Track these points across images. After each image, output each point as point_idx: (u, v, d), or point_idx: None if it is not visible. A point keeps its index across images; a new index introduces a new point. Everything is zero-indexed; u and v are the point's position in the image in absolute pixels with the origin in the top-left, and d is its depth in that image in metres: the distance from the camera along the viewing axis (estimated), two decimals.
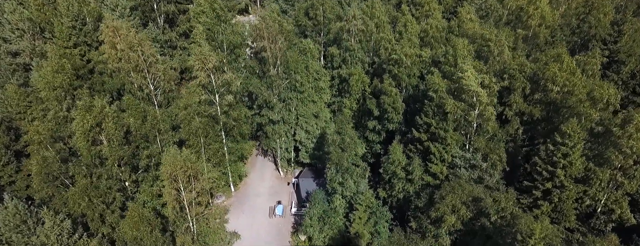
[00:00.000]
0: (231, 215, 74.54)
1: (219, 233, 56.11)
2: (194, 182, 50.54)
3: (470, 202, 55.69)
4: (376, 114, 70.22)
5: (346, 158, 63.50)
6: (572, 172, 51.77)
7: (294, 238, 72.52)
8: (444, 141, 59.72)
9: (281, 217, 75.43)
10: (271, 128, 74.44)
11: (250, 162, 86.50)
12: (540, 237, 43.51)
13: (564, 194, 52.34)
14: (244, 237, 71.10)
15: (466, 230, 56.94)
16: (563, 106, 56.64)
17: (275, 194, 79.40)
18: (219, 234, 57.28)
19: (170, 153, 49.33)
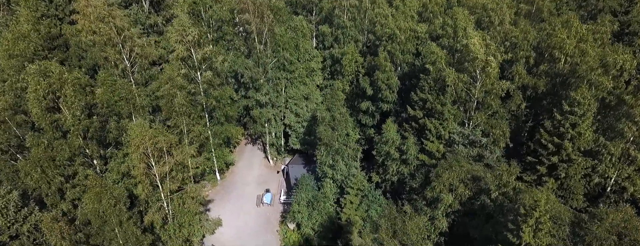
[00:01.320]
0: (216, 204, 70.89)
1: (196, 215, 51.70)
2: (167, 156, 46.43)
3: (469, 180, 51.44)
4: (369, 94, 66.20)
5: (337, 137, 59.42)
6: (581, 144, 47.49)
7: (282, 226, 68.29)
8: (440, 116, 55.62)
9: (270, 205, 71.28)
10: (258, 111, 70.45)
11: (239, 151, 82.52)
12: (545, 209, 39.13)
13: (571, 169, 48.02)
14: (229, 227, 67.18)
15: (464, 210, 52.61)
16: (571, 77, 52.37)
17: (264, 183, 75.34)
18: (196, 216, 52.88)
19: (138, 123, 45.27)
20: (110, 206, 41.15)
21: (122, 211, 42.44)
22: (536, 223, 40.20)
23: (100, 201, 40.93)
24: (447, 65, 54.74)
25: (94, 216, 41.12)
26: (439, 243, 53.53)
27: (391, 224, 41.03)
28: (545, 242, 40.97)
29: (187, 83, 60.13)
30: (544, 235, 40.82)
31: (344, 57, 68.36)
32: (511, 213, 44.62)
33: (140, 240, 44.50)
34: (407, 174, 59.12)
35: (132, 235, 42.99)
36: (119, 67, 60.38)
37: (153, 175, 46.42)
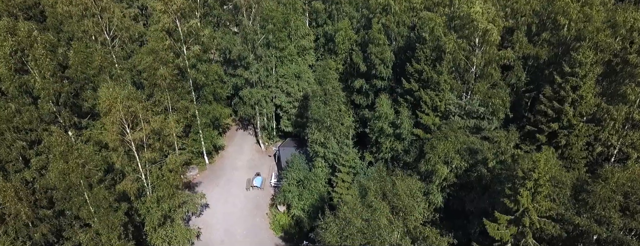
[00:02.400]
0: (204, 187, 68.87)
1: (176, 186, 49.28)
2: (143, 124, 44.28)
3: (465, 151, 49.22)
4: (363, 70, 64.15)
5: (328, 113, 57.23)
6: (583, 109, 45.20)
7: (272, 210, 66.02)
8: (437, 86, 53.44)
9: (260, 189, 69.06)
10: (248, 91, 68.43)
11: (229, 136, 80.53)
12: (544, 170, 36.79)
13: (572, 136, 45.68)
14: (217, 210, 65.07)
15: (461, 183, 50.30)
16: (575, 42, 50.02)
17: (254, 168, 73.16)
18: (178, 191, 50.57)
19: (109, 85, 43.11)
20: (77, 167, 38.75)
21: (91, 173, 40.08)
22: (535, 186, 37.86)
23: (67, 162, 38.50)
24: (445, 32, 52.67)
25: (59, 178, 38.59)
26: (434, 220, 51.14)
27: (380, 186, 38.65)
28: (545, 207, 38.61)
29: (172, 57, 58.18)
30: (542, 198, 38.50)
31: (337, 34, 66.53)
32: (509, 181, 42.32)
33: (113, 207, 42.15)
34: (401, 151, 56.87)
35: (104, 200, 40.62)
36: (98, 40, 58.50)
37: (128, 143, 44.20)
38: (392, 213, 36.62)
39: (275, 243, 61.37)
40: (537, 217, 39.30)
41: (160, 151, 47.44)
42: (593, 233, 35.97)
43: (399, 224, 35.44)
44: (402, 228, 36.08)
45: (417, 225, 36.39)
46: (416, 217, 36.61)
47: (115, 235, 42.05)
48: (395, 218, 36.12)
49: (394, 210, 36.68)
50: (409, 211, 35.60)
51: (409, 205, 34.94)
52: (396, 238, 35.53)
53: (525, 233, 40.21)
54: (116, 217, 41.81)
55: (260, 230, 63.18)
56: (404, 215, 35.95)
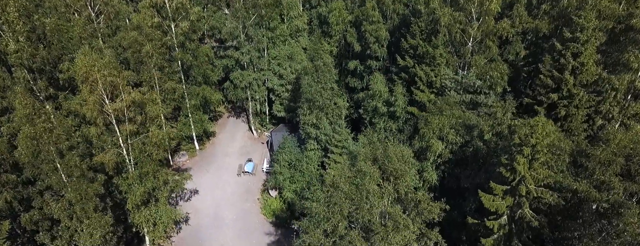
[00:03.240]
0: (194, 173, 67.07)
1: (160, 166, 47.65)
2: (123, 94, 42.65)
3: (461, 126, 47.75)
4: (357, 50, 62.82)
5: (320, 91, 55.74)
6: (584, 77, 43.68)
7: (263, 195, 64.44)
8: (432, 61, 52.00)
9: (251, 175, 67.51)
10: (239, 73, 67.10)
11: (221, 124, 79.24)
12: (542, 135, 35.23)
13: (572, 106, 44.13)
14: (207, 195, 63.65)
15: (456, 159, 48.79)
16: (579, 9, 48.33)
17: (246, 154, 71.70)
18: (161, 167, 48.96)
19: (85, 50, 41.45)
20: (46, 131, 36.86)
21: (61, 139, 38.11)
22: (532, 152, 36.31)
23: (34, 125, 36.55)
24: (441, 6, 51.29)
25: (25, 143, 36.57)
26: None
27: (371, 151, 37.04)
28: (542, 175, 37.03)
29: (159, 35, 56.83)
30: (540, 166, 36.93)
31: (331, 14, 65.31)
32: (505, 152, 40.80)
33: (88, 177, 40.40)
34: (395, 130, 55.36)
35: (75, 168, 38.78)
36: (82, 15, 57.17)
37: (107, 114, 42.47)
38: (383, 179, 35.00)
39: (266, 227, 59.72)
40: (534, 186, 37.73)
41: (142, 126, 45.84)
42: (592, 200, 34.33)
43: (389, 189, 33.81)
44: (393, 194, 34.44)
45: (408, 190, 34.73)
46: (407, 183, 34.95)
47: (90, 207, 40.38)
48: (385, 183, 34.49)
49: (385, 174, 35.06)
50: (400, 175, 33.95)
51: (400, 169, 33.31)
52: (386, 204, 33.92)
53: (521, 203, 38.69)
54: (91, 187, 40.15)
55: (250, 214, 61.66)
56: (394, 179, 34.30)
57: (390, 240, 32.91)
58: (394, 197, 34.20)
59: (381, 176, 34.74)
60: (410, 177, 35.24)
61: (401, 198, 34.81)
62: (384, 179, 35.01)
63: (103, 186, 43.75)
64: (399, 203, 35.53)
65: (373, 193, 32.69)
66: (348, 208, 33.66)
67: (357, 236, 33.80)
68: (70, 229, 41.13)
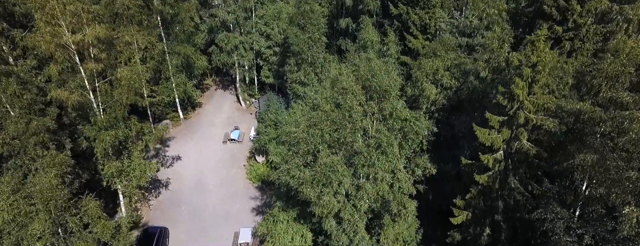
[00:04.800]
0: (178, 141, 65.11)
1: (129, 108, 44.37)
2: (87, 28, 39.75)
3: (456, 68, 45.21)
4: (349, 4, 60.42)
5: (307, 41, 53.35)
6: (592, 6, 40.95)
7: (250, 161, 61.77)
8: (427, 2, 49.48)
9: (238, 142, 64.91)
10: (224, 35, 64.85)
11: (208, 95, 77.05)
12: (544, 51, 32.59)
13: (577, 40, 41.44)
14: (190, 162, 61.12)
15: (451, 106, 46.14)
16: None
17: (233, 125, 69.15)
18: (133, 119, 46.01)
19: None
20: None
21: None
22: (532, 73, 33.66)
23: None
24: None
25: None
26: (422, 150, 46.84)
27: (353, 70, 34.30)
28: (543, 100, 34.34)
29: None
30: (540, 89, 34.24)
31: None
32: (503, 83, 38.18)
33: (35, 109, 37.00)
34: None
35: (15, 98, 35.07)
36: None
37: (68, 49, 39.40)
38: (367, 97, 32.36)
39: (252, 192, 57.05)
40: (534, 115, 35.03)
41: (111, 69, 43.24)
42: (597, 121, 31.55)
43: (372, 106, 31.17)
44: (378, 114, 31.80)
45: (394, 110, 32.05)
46: (394, 104, 32.28)
47: (37, 140, 37.32)
48: (370, 102, 31.85)
49: (368, 92, 32.40)
50: (384, 91, 31.28)
51: (385, 83, 30.64)
52: (369, 122, 31.27)
53: (519, 134, 35.94)
54: (38, 121, 37.08)
55: (235, 180, 59.08)
56: (378, 97, 31.62)
57: (373, 162, 30.24)
58: (379, 117, 31.54)
59: (365, 95, 32.12)
60: (395, 91, 32.43)
61: (386, 118, 32.13)
62: (368, 98, 32.39)
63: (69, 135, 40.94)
64: (383, 121, 32.79)
65: (355, 110, 30.06)
66: (329, 130, 30.99)
67: (340, 161, 31.15)
68: (23, 168, 38.14)
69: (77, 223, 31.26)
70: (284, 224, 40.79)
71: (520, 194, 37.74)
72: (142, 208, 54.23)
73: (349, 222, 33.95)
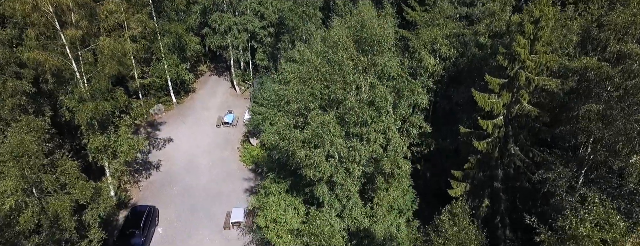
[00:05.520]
0: (170, 125, 63.47)
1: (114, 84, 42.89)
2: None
3: (455, 37, 43.79)
4: None
5: (302, 15, 51.94)
6: None
7: (244, 145, 60.25)
8: None
9: (232, 125, 63.43)
10: (217, 16, 63.43)
11: (202, 81, 75.62)
12: (548, 4, 31.12)
13: (581, 2, 39.92)
14: (182, 145, 59.67)
15: (450, 77, 44.73)
16: None
17: (227, 109, 67.69)
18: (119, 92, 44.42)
19: None
20: None
21: None
22: (535, 30, 32.20)
23: None
24: None
25: None
26: None
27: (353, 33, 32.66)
28: (545, 59, 32.88)
29: None
30: (543, 46, 32.76)
31: None
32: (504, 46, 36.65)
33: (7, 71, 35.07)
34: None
35: None
36: None
37: (47, 14, 37.88)
38: (359, 51, 30.84)
39: (245, 173, 55.56)
40: (536, 75, 33.57)
41: (94, 38, 41.76)
42: (604, 77, 30.04)
43: (364, 61, 29.67)
44: (371, 70, 30.28)
45: (385, 66, 30.52)
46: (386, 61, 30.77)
47: (14, 102, 35.66)
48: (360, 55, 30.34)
49: (360, 45, 30.88)
50: (377, 43, 29.75)
51: (376, 34, 29.12)
52: (362, 79, 29.76)
53: (520, 96, 34.45)
54: (11, 82, 35.49)
55: (228, 162, 57.59)
56: (370, 50, 30.09)
57: (365, 119, 28.73)
58: (371, 73, 30.02)
59: (357, 48, 30.60)
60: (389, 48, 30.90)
61: (379, 75, 30.63)
62: (359, 51, 30.86)
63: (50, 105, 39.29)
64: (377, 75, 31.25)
65: (346, 64, 28.54)
66: (320, 87, 29.48)
67: (331, 119, 29.62)
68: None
69: (53, 181, 29.68)
70: (276, 196, 39.30)
71: (521, 160, 36.21)
72: (131, 189, 52.66)
73: (341, 187, 32.39)
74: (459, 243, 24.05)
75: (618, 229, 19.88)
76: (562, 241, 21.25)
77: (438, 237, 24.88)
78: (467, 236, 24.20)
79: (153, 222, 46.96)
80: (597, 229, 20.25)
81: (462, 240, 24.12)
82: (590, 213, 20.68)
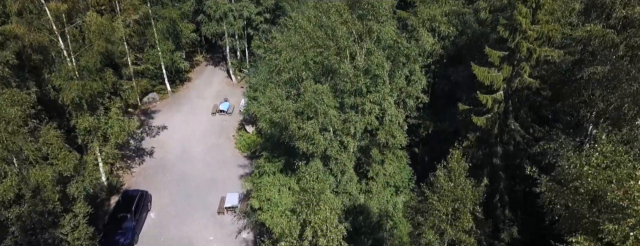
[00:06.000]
0: (164, 113, 62.49)
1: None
2: None
3: (454, 15, 42.76)
4: None
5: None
6: None
7: (239, 132, 59.19)
8: None
9: (227, 114, 62.38)
10: (213, 2, 62.51)
11: (198, 71, 74.72)
12: None
13: None
14: (175, 132, 58.66)
15: (449, 56, 43.69)
16: None
17: (223, 97, 66.68)
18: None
19: None
20: None
21: None
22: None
23: None
24: None
25: None
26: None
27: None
28: (547, 29, 31.81)
29: None
30: (545, 15, 31.71)
31: None
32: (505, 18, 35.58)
33: None
34: None
35: None
36: None
37: None
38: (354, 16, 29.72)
39: (240, 160, 54.47)
40: (537, 46, 32.50)
41: (82, 14, 40.66)
42: (609, 45, 28.98)
43: (358, 26, 28.57)
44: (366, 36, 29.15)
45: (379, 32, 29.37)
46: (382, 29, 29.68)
47: None
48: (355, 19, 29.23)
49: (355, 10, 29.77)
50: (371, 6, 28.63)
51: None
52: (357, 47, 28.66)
53: (521, 69, 33.37)
54: None
55: (223, 149, 56.55)
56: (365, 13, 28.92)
57: (360, 87, 27.62)
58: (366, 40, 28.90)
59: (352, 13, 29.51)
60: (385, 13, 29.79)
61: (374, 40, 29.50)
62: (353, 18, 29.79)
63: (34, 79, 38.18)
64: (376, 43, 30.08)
65: (339, 28, 27.45)
66: (313, 55, 28.39)
67: (325, 88, 28.51)
68: None
69: (33, 150, 28.55)
70: (270, 177, 38.22)
71: (521, 136, 35.10)
72: (124, 175, 51.60)
73: (336, 161, 31.26)
74: (454, 200, 23.01)
75: (625, 168, 18.42)
76: (565, 183, 19.93)
77: (433, 194, 23.81)
78: (464, 192, 23.13)
79: (145, 207, 45.83)
80: (603, 168, 18.79)
81: (458, 196, 23.06)
82: (597, 150, 19.21)
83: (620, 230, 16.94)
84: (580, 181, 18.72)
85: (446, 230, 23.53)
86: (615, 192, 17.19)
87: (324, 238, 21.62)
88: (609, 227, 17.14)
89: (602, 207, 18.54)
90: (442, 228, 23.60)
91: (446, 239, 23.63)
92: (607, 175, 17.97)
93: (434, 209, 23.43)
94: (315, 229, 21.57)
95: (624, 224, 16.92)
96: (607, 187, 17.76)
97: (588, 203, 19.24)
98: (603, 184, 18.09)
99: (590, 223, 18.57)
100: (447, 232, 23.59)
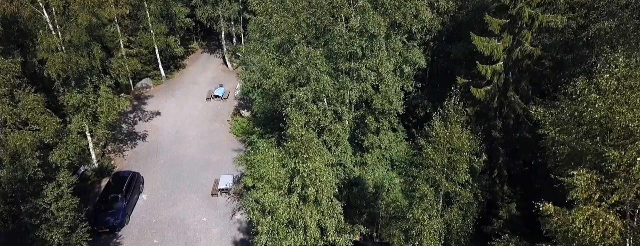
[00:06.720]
0: (158, 98, 61.43)
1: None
2: None
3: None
4: None
5: None
6: None
7: (234, 117, 58.12)
8: None
9: (222, 99, 61.32)
10: None
11: (193, 58, 73.71)
12: None
13: None
14: (169, 117, 57.61)
15: (448, 33, 42.68)
16: None
17: (218, 83, 65.63)
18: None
19: None
20: None
21: None
22: None
23: None
24: None
25: None
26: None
27: None
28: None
29: None
30: None
31: None
32: None
33: None
34: None
35: None
36: None
37: None
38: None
39: (235, 144, 53.39)
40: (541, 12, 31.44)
41: None
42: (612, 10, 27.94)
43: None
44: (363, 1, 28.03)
45: None
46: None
47: None
48: None
49: None
50: None
51: None
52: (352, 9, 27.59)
53: (522, 37, 32.32)
54: None
55: (218, 133, 55.52)
56: None
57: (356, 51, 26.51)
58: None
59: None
60: None
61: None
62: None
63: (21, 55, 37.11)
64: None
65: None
66: (305, 17, 27.30)
67: (318, 53, 27.41)
68: None
69: (11, 114, 27.41)
70: (263, 153, 37.04)
71: (521, 108, 34.04)
72: (115, 158, 50.56)
73: (330, 132, 30.15)
74: (450, 149, 21.93)
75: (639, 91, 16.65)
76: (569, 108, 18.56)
77: (428, 144, 22.75)
78: (460, 141, 22.04)
79: (137, 188, 44.74)
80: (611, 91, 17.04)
81: (455, 145, 21.98)
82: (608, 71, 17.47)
83: (626, 156, 15.68)
84: (586, 107, 17.47)
85: (441, 182, 22.49)
86: (626, 114, 15.84)
87: (313, 187, 20.57)
88: (614, 153, 15.91)
89: (607, 138, 17.18)
90: (437, 180, 22.56)
91: (441, 192, 22.57)
92: (616, 99, 16.54)
93: (429, 159, 22.38)
94: (304, 178, 20.53)
95: (631, 148, 15.66)
96: (615, 110, 16.23)
97: (593, 135, 17.80)
98: (612, 110, 16.42)
99: (594, 156, 17.27)
100: (443, 185, 22.56)
